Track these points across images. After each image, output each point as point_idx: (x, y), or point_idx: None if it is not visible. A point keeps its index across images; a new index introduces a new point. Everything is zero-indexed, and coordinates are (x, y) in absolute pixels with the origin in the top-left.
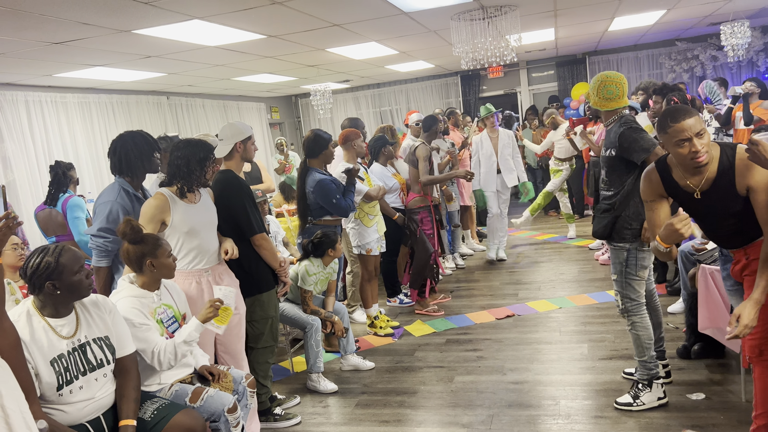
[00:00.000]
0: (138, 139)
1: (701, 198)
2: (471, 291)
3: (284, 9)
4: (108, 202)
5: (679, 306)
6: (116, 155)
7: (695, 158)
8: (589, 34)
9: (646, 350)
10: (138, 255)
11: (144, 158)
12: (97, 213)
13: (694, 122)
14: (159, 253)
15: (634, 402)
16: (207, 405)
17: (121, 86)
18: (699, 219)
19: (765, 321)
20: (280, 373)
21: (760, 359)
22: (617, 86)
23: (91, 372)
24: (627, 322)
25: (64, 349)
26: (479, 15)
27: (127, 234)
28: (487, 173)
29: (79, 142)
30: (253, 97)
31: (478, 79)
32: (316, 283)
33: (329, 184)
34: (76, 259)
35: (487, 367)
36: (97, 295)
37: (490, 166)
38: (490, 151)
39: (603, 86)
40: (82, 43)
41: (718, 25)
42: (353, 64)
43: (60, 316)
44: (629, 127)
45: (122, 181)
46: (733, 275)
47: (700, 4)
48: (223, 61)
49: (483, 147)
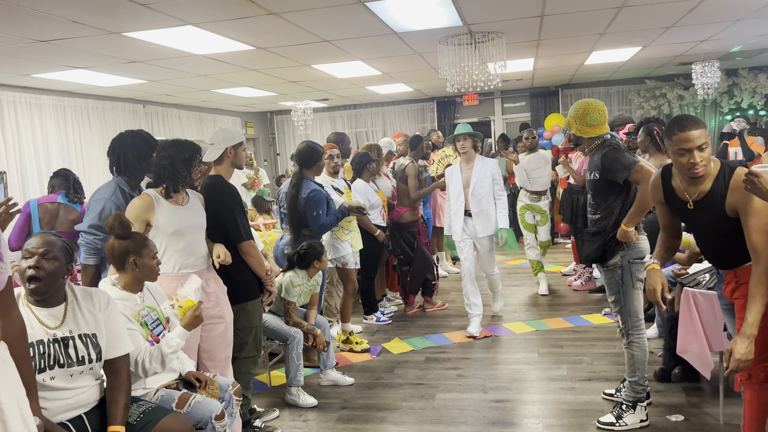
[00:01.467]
0: (137, 140)
1: (693, 209)
2: (447, 311)
3: (280, 21)
4: (102, 200)
5: (653, 331)
6: (114, 154)
7: (692, 169)
8: (566, 67)
9: (639, 371)
10: (122, 251)
11: (142, 159)
12: (90, 210)
13: (699, 134)
14: (144, 252)
15: (617, 422)
16: (194, 411)
17: (98, 91)
18: (692, 231)
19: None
20: (258, 386)
21: (750, 383)
22: (600, 113)
23: (69, 367)
24: (624, 341)
25: (44, 337)
26: (467, 40)
27: (115, 228)
28: (453, 215)
29: (51, 145)
30: (229, 111)
31: (453, 106)
32: (299, 294)
33: (321, 198)
34: (27, 244)
35: (468, 385)
36: (94, 289)
37: (457, 207)
38: (458, 187)
39: (585, 113)
40: (68, 43)
41: (687, 65)
42: (335, 83)
43: (45, 305)
44: (611, 148)
45: (120, 180)
46: (725, 295)
47: (674, 43)
48: (207, 71)
49: (452, 181)
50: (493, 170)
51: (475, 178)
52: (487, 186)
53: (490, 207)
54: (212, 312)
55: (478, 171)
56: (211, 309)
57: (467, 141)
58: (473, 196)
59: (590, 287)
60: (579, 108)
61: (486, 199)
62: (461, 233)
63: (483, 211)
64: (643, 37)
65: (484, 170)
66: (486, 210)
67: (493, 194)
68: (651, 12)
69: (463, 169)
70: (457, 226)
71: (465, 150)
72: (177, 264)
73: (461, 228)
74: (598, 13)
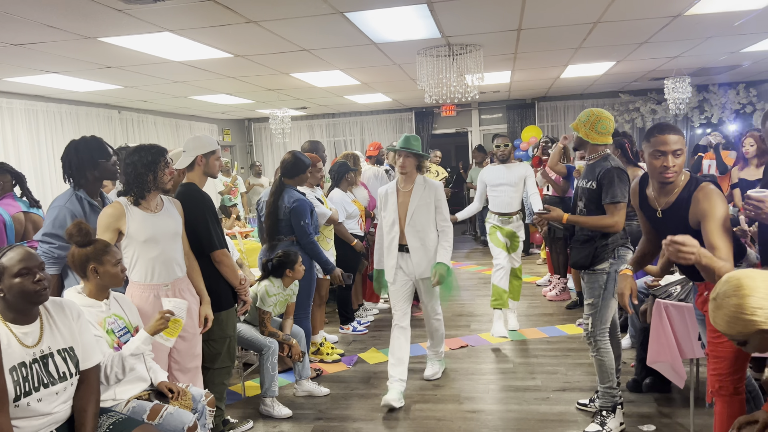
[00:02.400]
0: (81, 147)
1: (662, 217)
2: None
3: (258, 29)
4: (56, 207)
5: (625, 342)
6: (63, 163)
7: (663, 173)
8: (542, 80)
9: (610, 376)
10: (83, 259)
11: (86, 167)
12: (46, 218)
13: (676, 139)
14: (105, 259)
15: (603, 429)
16: (166, 423)
17: (72, 96)
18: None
19: (725, 357)
20: (232, 396)
21: (719, 393)
22: (610, 123)
23: (52, 386)
24: (592, 349)
25: (26, 359)
26: (445, 51)
27: (74, 235)
28: (385, 248)
29: (22, 150)
30: (205, 118)
31: (431, 116)
32: (275, 304)
33: (306, 207)
34: (18, 260)
35: (444, 395)
36: (63, 300)
37: (390, 239)
38: (393, 215)
39: (598, 121)
40: (43, 47)
41: (660, 80)
42: (313, 92)
43: (22, 323)
44: (618, 169)
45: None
46: (697, 306)
47: (648, 59)
48: (184, 78)
49: (386, 206)
50: (434, 194)
51: (416, 202)
52: (425, 213)
53: (427, 236)
54: (184, 323)
55: (419, 196)
56: (184, 320)
57: (409, 159)
58: (411, 224)
59: (565, 297)
60: (592, 114)
61: (425, 228)
62: (394, 273)
63: (420, 240)
64: (617, 53)
65: (425, 194)
66: (424, 240)
67: (438, 221)
68: (625, 28)
69: (400, 192)
70: (391, 264)
71: (405, 170)
72: (150, 273)
73: (394, 266)
74: (573, 28)
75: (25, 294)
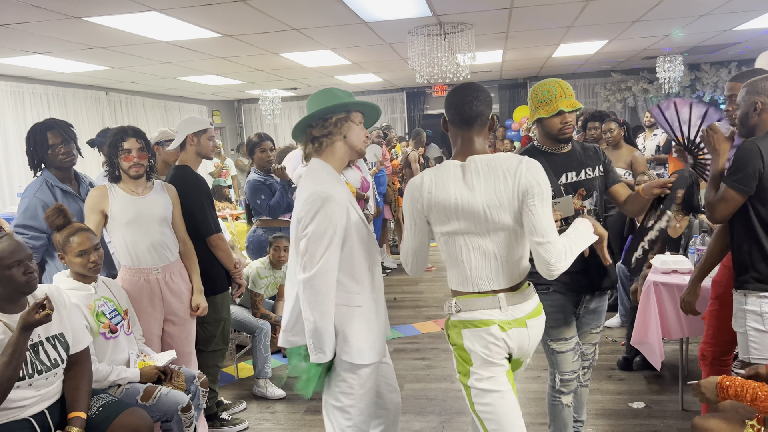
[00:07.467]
0: (35, 131)
1: None
2: (417, 302)
3: (247, 8)
4: (26, 198)
5: (615, 321)
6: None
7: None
8: (534, 59)
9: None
10: (58, 245)
11: (41, 151)
12: (18, 209)
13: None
14: (67, 249)
15: None
16: (160, 404)
17: (59, 77)
18: None
19: (711, 326)
20: (225, 378)
21: (704, 363)
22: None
23: (46, 372)
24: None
25: None
26: (436, 30)
27: (50, 217)
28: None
29: (9, 132)
30: (195, 99)
31: (423, 97)
32: (267, 286)
33: (256, 184)
34: (10, 252)
35: (436, 375)
36: (51, 286)
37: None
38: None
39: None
40: (27, 27)
41: (652, 59)
42: (304, 72)
43: (12, 311)
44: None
45: (48, 173)
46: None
47: (639, 37)
48: (172, 59)
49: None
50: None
51: None
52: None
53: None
54: (175, 307)
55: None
56: (175, 305)
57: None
58: None
59: None
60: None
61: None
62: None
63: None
64: (610, 31)
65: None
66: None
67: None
68: (617, 6)
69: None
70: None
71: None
72: (138, 256)
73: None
74: (565, 6)
75: (17, 285)
